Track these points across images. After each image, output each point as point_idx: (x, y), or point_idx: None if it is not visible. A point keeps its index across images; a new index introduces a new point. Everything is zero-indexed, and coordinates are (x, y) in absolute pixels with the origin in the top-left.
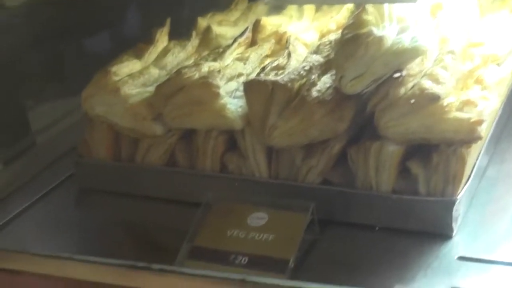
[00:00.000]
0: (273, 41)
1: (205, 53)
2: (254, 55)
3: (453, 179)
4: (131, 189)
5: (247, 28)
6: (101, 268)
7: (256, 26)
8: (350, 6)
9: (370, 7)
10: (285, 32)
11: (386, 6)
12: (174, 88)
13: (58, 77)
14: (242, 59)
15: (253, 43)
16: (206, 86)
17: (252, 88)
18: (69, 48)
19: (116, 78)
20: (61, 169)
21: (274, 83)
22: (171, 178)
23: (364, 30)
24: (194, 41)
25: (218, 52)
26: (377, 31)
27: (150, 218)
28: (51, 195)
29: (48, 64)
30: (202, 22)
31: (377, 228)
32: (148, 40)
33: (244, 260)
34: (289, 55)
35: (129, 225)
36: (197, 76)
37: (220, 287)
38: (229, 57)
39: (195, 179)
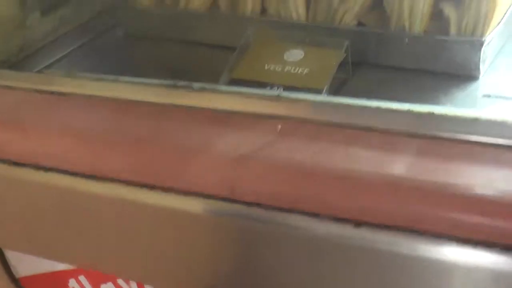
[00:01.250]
0: None
1: None
2: None
3: (484, 21)
4: (175, 34)
5: None
6: (144, 88)
7: None
8: None
9: None
10: None
11: None
12: None
13: None
14: None
15: None
16: None
17: None
18: None
19: None
20: (103, 19)
21: None
22: (213, 22)
23: None
24: None
25: None
26: None
27: (192, 61)
28: (95, 42)
29: None
30: None
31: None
32: None
33: (280, 90)
34: None
35: (172, 66)
36: None
37: (256, 103)
38: None
39: (235, 21)
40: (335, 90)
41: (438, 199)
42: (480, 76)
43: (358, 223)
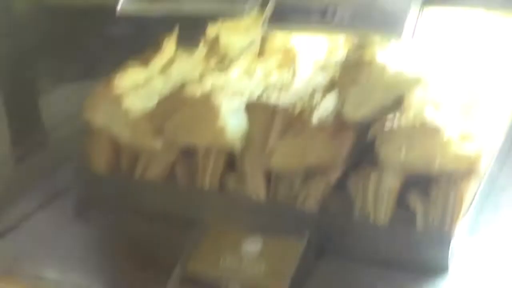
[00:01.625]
0: (280, 55)
1: (212, 63)
2: (260, 69)
3: (451, 214)
4: (130, 203)
5: (255, 40)
6: None
7: (265, 37)
8: None
9: None
10: (293, 47)
11: None
12: (176, 104)
13: (71, 74)
14: (248, 72)
15: (261, 53)
16: (207, 105)
17: (253, 110)
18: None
19: (119, 90)
20: (65, 174)
21: (275, 108)
22: (169, 194)
23: (368, 55)
24: (201, 51)
25: (224, 64)
26: (380, 57)
27: (147, 235)
28: (46, 209)
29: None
30: (212, 31)
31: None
32: (156, 46)
33: None
34: (293, 73)
35: (124, 242)
36: (199, 93)
37: None
38: (235, 70)
39: (192, 196)
40: (297, 284)
41: None
42: (450, 270)
43: None
